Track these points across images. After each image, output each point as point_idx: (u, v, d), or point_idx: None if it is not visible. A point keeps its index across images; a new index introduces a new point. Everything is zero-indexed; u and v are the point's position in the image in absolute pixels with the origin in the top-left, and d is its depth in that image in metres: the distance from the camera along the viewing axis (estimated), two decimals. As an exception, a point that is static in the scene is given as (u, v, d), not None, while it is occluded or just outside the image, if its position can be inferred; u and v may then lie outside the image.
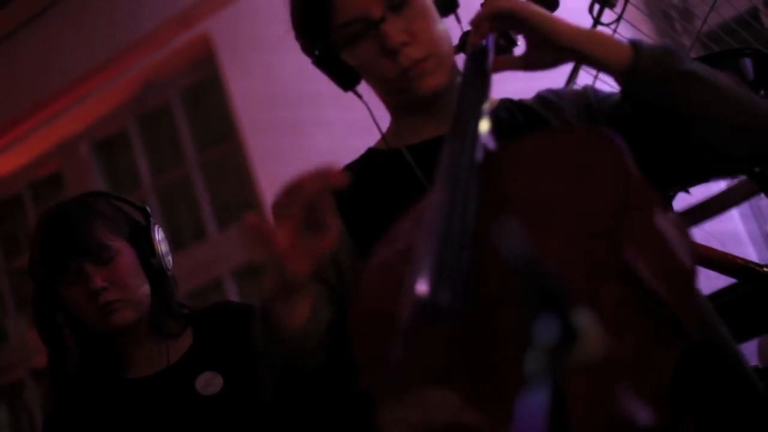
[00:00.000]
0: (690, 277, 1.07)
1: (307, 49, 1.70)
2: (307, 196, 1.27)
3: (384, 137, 1.74)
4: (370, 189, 1.64)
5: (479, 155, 1.18)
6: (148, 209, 2.18)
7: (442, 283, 0.98)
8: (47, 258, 2.04)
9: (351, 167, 1.74)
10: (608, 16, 3.02)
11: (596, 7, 2.92)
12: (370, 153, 1.77)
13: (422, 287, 0.99)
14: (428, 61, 1.58)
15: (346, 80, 1.69)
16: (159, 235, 2.14)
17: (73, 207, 2.08)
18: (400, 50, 1.56)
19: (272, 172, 6.12)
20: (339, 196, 1.30)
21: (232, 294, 6.74)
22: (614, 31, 3.11)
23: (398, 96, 1.65)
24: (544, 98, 1.67)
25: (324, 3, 1.60)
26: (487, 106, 1.28)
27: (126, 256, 2.05)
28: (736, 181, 3.08)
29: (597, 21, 3.00)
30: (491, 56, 1.44)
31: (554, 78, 1.73)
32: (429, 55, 1.58)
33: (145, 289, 2.07)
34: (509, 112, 1.65)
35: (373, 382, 1.13)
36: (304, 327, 1.38)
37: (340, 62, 1.66)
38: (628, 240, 1.00)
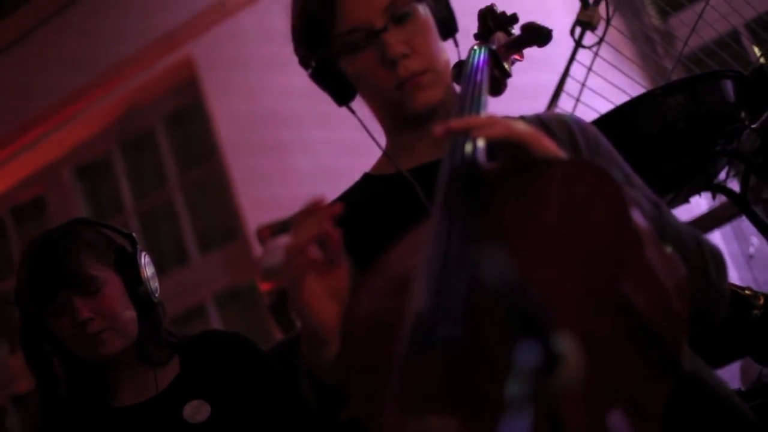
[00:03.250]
0: (683, 311, 1.07)
1: (305, 61, 1.71)
2: (316, 234, 1.27)
3: (386, 158, 1.74)
4: (373, 217, 1.64)
5: (476, 181, 1.18)
6: (134, 236, 2.18)
7: (440, 311, 0.98)
8: (34, 289, 2.04)
9: (348, 196, 1.75)
10: (590, 38, 3.03)
11: (578, 30, 2.93)
12: (367, 179, 1.77)
13: (420, 316, 0.99)
14: (425, 75, 1.59)
15: (343, 94, 1.70)
16: (145, 261, 2.14)
17: (59, 237, 2.08)
18: (399, 61, 1.57)
19: (255, 195, 6.12)
20: (341, 227, 1.30)
21: (215, 317, 6.72)
22: (596, 53, 3.12)
23: (393, 109, 1.66)
24: (534, 122, 1.67)
25: (328, 10, 1.61)
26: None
27: (112, 285, 2.05)
28: (717, 203, 3.09)
29: (578, 44, 3.01)
30: (486, 81, 1.46)
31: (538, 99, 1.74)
32: (427, 70, 1.59)
33: (132, 317, 2.07)
34: None
35: (367, 410, 1.13)
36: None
37: (337, 75, 1.67)
38: (626, 273, 1.01)
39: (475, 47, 1.64)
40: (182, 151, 7.14)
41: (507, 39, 1.74)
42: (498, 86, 1.69)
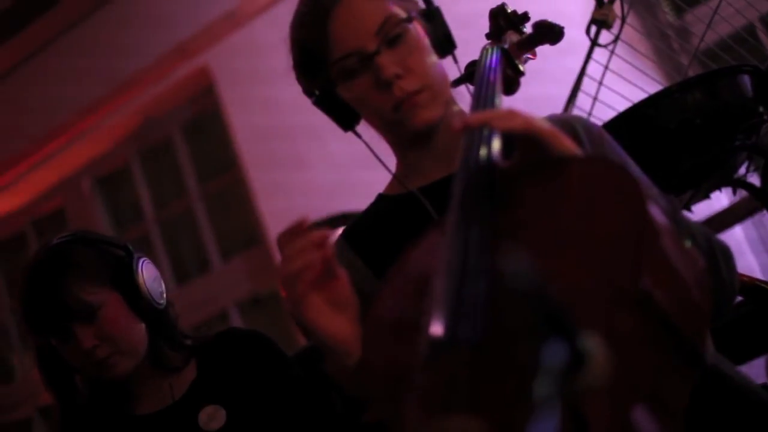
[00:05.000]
0: (704, 305, 1.07)
1: (307, 90, 1.73)
2: (306, 262, 1.27)
3: (396, 179, 1.74)
4: (387, 238, 1.62)
5: (492, 181, 1.18)
6: (130, 246, 2.12)
7: (462, 313, 0.98)
8: (33, 321, 2.02)
9: (363, 219, 1.77)
10: (606, 37, 3.03)
11: (593, 28, 2.93)
12: (381, 200, 1.78)
13: (441, 318, 0.99)
14: (422, 94, 1.60)
15: (346, 119, 1.71)
16: (146, 269, 2.08)
17: (48, 264, 2.02)
18: (393, 82, 1.58)
19: (275, 204, 6.13)
20: (361, 248, 1.29)
21: (237, 325, 6.73)
22: (612, 51, 3.12)
23: (395, 131, 1.67)
24: None
25: (321, 39, 1.63)
26: (497, 134, 1.28)
27: (112, 305, 2.01)
28: (738, 197, 3.08)
29: (594, 42, 3.01)
30: (500, 81, 1.46)
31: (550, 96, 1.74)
32: (422, 88, 1.60)
33: (140, 331, 2.04)
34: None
35: (391, 412, 1.12)
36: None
37: (339, 101, 1.68)
38: (646, 267, 1.01)
39: (488, 47, 1.64)
40: (201, 159, 7.16)
41: (519, 38, 1.74)
42: (512, 85, 1.69)
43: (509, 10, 1.76)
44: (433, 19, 1.68)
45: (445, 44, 1.67)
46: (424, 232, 1.29)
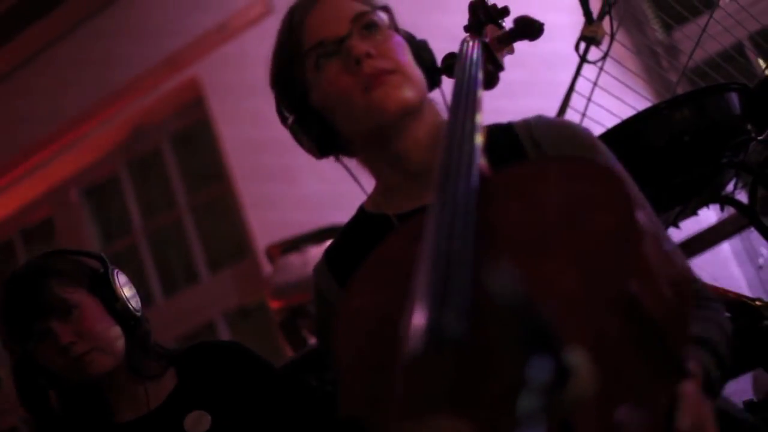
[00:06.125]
0: (687, 311, 1.07)
1: (281, 114, 1.71)
2: None
3: (372, 203, 1.72)
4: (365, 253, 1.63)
5: (475, 179, 1.16)
6: (104, 256, 2.18)
7: (447, 306, 0.96)
8: (11, 326, 2.04)
9: (344, 237, 1.75)
10: (595, 53, 3.04)
11: (582, 45, 2.94)
12: (362, 215, 1.75)
13: (425, 311, 0.97)
14: (394, 75, 1.55)
15: (323, 140, 1.66)
16: (121, 279, 2.14)
17: (25, 271, 2.09)
18: (363, 60, 1.54)
19: (263, 214, 6.12)
20: (338, 272, 1.26)
21: (225, 336, 6.71)
22: (601, 68, 3.13)
23: (368, 125, 1.59)
24: (523, 129, 1.66)
25: (298, 32, 1.61)
26: (479, 129, 1.27)
27: (89, 305, 2.06)
28: (726, 215, 3.09)
29: (583, 59, 3.02)
30: (481, 75, 1.45)
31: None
32: (395, 70, 1.56)
33: (116, 332, 2.07)
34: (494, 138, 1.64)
35: (370, 412, 1.11)
36: None
37: (313, 122, 1.64)
38: (632, 271, 1.00)
39: (468, 39, 1.61)
40: (190, 170, 7.15)
41: (499, 32, 1.72)
42: (491, 80, 1.67)
43: (489, 3, 1.74)
44: (420, 48, 1.67)
45: (432, 74, 1.65)
46: (391, 233, 1.27)
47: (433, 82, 1.66)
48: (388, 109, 1.55)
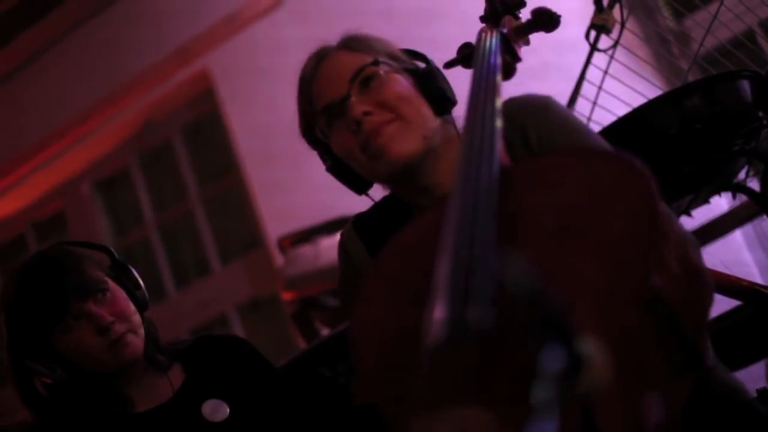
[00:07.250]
0: (706, 306, 1.07)
1: (321, 157, 1.78)
2: None
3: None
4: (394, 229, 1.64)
5: (497, 165, 1.16)
6: (112, 249, 2.16)
7: (471, 295, 0.96)
8: (42, 308, 2.00)
9: (378, 206, 1.79)
10: (605, 41, 3.03)
11: (593, 33, 2.93)
12: (393, 197, 1.78)
13: (449, 301, 0.97)
14: (391, 125, 1.59)
15: (357, 181, 1.73)
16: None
17: (54, 254, 2.05)
18: (362, 119, 1.59)
19: (274, 205, 6.13)
20: (365, 232, 1.26)
21: (237, 328, 6.73)
22: (611, 56, 3.12)
23: (377, 177, 1.67)
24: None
25: (310, 99, 1.68)
26: (498, 118, 1.27)
27: (117, 290, 2.04)
28: (737, 202, 3.08)
29: (594, 47, 3.01)
30: (499, 64, 1.45)
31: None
32: (393, 119, 1.59)
33: (140, 319, 2.08)
34: None
35: (395, 408, 1.10)
36: None
37: (345, 167, 1.70)
38: (654, 264, 1.00)
39: (485, 30, 1.62)
40: (201, 162, 7.16)
41: (516, 23, 1.71)
42: (509, 71, 1.67)
43: None
44: (426, 79, 1.68)
45: (441, 99, 1.67)
46: (419, 215, 1.27)
47: (444, 109, 1.67)
48: (392, 163, 1.60)
